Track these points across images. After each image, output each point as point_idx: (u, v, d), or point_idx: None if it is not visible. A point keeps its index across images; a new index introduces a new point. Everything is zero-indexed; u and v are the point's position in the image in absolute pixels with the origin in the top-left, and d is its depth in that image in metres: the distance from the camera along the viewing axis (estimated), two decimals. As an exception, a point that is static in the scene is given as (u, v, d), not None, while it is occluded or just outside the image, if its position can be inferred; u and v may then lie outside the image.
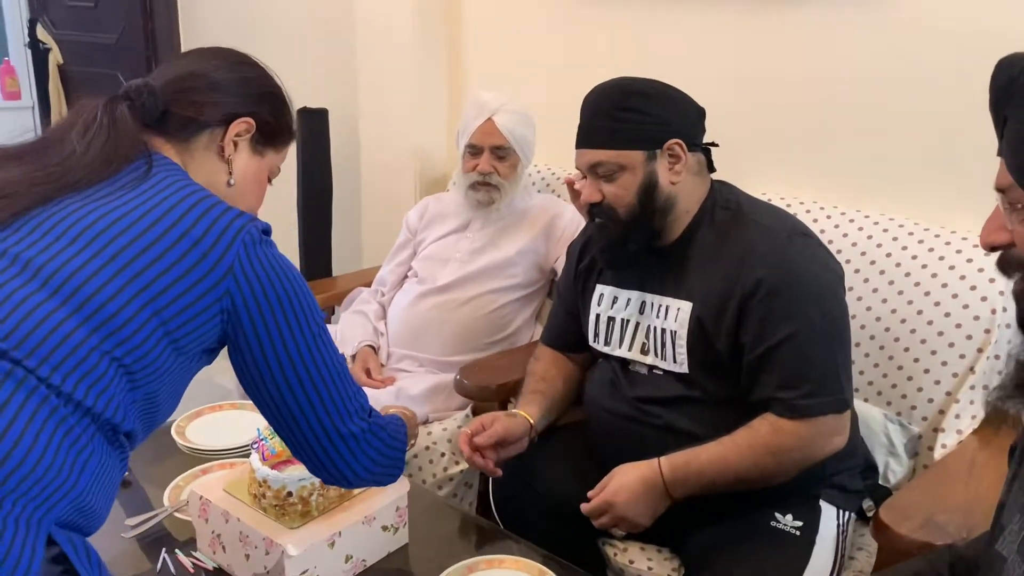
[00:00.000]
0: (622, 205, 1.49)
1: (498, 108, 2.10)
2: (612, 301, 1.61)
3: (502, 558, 1.36)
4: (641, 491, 1.41)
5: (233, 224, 1.02)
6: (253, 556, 1.27)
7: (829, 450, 1.42)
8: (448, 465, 1.93)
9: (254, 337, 1.04)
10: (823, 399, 1.39)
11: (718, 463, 1.40)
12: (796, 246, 1.44)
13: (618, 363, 1.61)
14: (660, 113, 1.47)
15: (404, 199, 2.71)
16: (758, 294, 1.40)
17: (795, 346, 1.39)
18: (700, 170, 1.53)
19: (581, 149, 1.51)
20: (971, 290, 1.65)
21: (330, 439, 1.10)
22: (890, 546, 1.32)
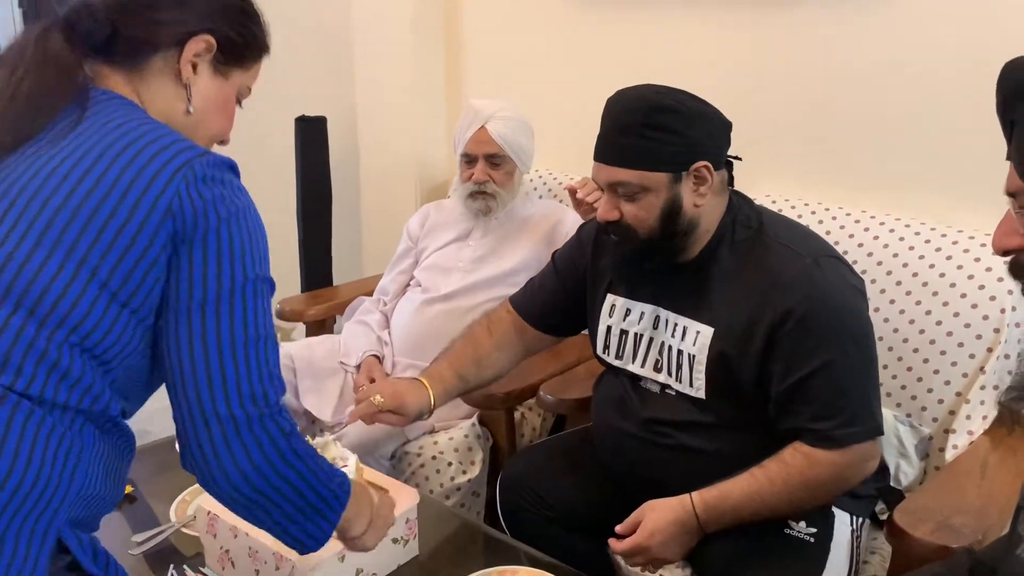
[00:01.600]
0: (642, 227, 1.42)
1: (491, 116, 2.09)
2: (624, 313, 1.55)
3: (514, 569, 1.35)
4: (676, 532, 1.38)
5: (171, 163, 0.91)
6: (263, 572, 1.26)
7: (863, 476, 1.39)
8: (455, 475, 1.92)
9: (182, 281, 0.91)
10: (858, 428, 1.35)
11: (752, 500, 1.36)
12: (823, 270, 1.37)
13: (628, 378, 1.56)
14: (690, 133, 1.37)
15: (404, 207, 2.70)
16: (787, 324, 1.35)
17: (829, 376, 1.34)
18: (722, 187, 1.46)
19: (601, 164, 1.43)
20: (980, 289, 1.64)
21: (203, 415, 0.90)
22: (905, 550, 1.31)
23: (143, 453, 1.81)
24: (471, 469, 1.93)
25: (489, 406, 1.92)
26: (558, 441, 1.82)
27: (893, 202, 1.86)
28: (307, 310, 2.42)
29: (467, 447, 1.95)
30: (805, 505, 1.38)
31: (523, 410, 2.10)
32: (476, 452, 1.95)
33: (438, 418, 2.01)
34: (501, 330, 1.71)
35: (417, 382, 1.60)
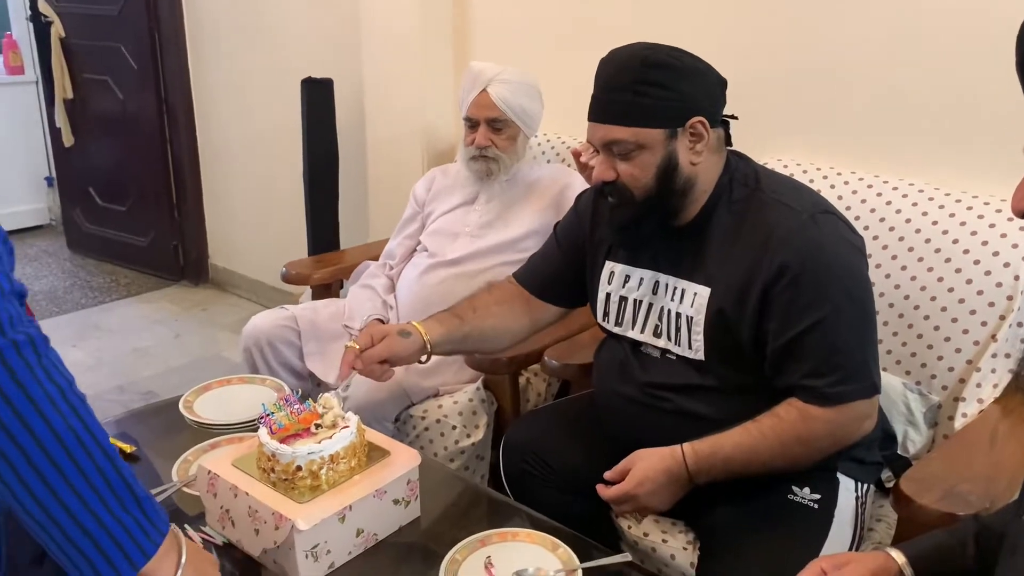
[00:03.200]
0: (638, 186, 1.40)
1: (492, 79, 2.05)
2: (624, 280, 1.54)
3: (516, 531, 1.34)
4: (664, 481, 1.37)
5: None
6: (263, 531, 1.25)
7: (859, 435, 1.37)
8: (460, 438, 1.91)
9: None
10: (853, 386, 1.34)
11: (745, 453, 1.35)
12: (819, 226, 1.35)
13: (628, 344, 1.55)
14: (684, 88, 1.35)
15: (411, 171, 2.68)
16: (783, 280, 1.33)
17: (823, 333, 1.33)
18: (719, 146, 1.44)
19: (596, 123, 1.41)
20: (994, 256, 1.61)
21: None
22: (911, 517, 1.29)
23: (147, 414, 1.82)
24: (475, 433, 1.93)
25: (494, 371, 1.91)
26: (561, 405, 1.81)
27: (907, 167, 1.82)
28: (313, 274, 2.40)
29: (471, 411, 1.94)
30: (799, 461, 1.37)
31: (528, 375, 2.09)
32: (480, 416, 1.95)
33: (443, 382, 2.01)
34: (502, 291, 1.70)
35: (407, 324, 1.58)
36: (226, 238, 3.98)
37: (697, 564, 1.46)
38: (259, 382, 1.82)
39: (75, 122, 4.14)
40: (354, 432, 1.33)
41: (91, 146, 4.14)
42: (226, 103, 3.65)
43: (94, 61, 3.97)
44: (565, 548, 1.29)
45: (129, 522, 0.81)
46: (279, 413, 1.33)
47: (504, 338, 1.67)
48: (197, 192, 3.96)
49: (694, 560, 1.48)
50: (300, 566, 1.23)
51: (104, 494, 0.78)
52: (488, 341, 1.66)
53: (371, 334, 1.53)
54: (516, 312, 1.67)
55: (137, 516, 0.82)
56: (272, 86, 3.34)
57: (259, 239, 3.75)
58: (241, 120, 3.61)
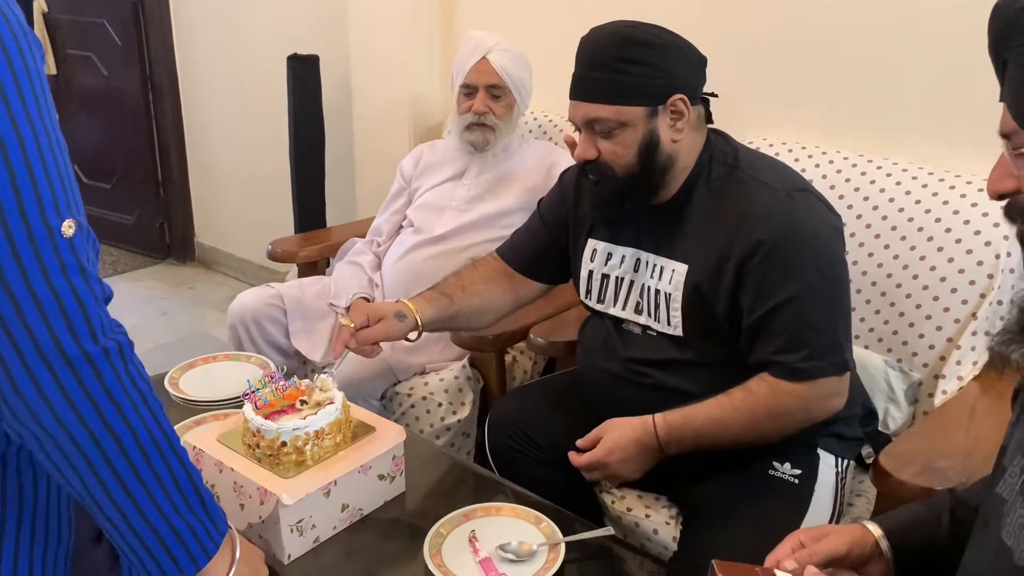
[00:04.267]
0: (620, 164, 1.40)
1: (493, 47, 2.05)
2: (606, 257, 1.55)
3: (499, 506, 1.35)
4: (635, 451, 1.39)
5: None
6: (248, 506, 1.26)
7: (829, 411, 1.39)
8: (445, 415, 1.92)
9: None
10: (823, 362, 1.35)
11: (715, 425, 1.37)
12: (795, 203, 1.36)
13: (611, 321, 1.56)
14: (664, 66, 1.36)
15: (398, 148, 2.67)
16: (757, 256, 1.35)
17: (795, 309, 1.34)
18: (700, 124, 1.44)
19: (577, 101, 1.41)
20: (975, 235, 1.62)
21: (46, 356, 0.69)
22: (890, 492, 1.31)
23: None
24: (461, 410, 1.93)
25: (480, 348, 1.92)
26: (546, 382, 1.83)
27: (890, 146, 1.83)
28: (299, 252, 2.40)
29: (457, 388, 1.95)
30: (768, 435, 1.38)
31: (514, 353, 2.10)
32: (467, 393, 1.96)
33: (429, 360, 2.02)
34: (487, 267, 1.70)
35: (396, 302, 1.59)
36: (212, 216, 3.95)
37: (679, 538, 1.48)
38: (244, 359, 1.82)
39: (59, 99, 4.06)
40: (339, 408, 1.34)
41: (75, 123, 4.10)
42: (211, 80, 3.62)
43: (78, 37, 3.92)
44: (548, 522, 1.30)
45: (195, 523, 0.83)
46: (264, 389, 1.34)
47: (489, 315, 1.68)
48: (183, 170, 3.94)
49: (676, 534, 1.50)
50: (285, 540, 1.24)
51: (174, 496, 0.80)
52: (474, 319, 1.66)
53: (367, 314, 1.52)
54: (501, 289, 1.67)
55: (202, 517, 0.84)
56: (257, 63, 3.31)
57: (245, 217, 3.74)
58: (227, 97, 3.58)
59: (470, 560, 1.24)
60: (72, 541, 0.88)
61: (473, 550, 1.26)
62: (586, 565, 1.26)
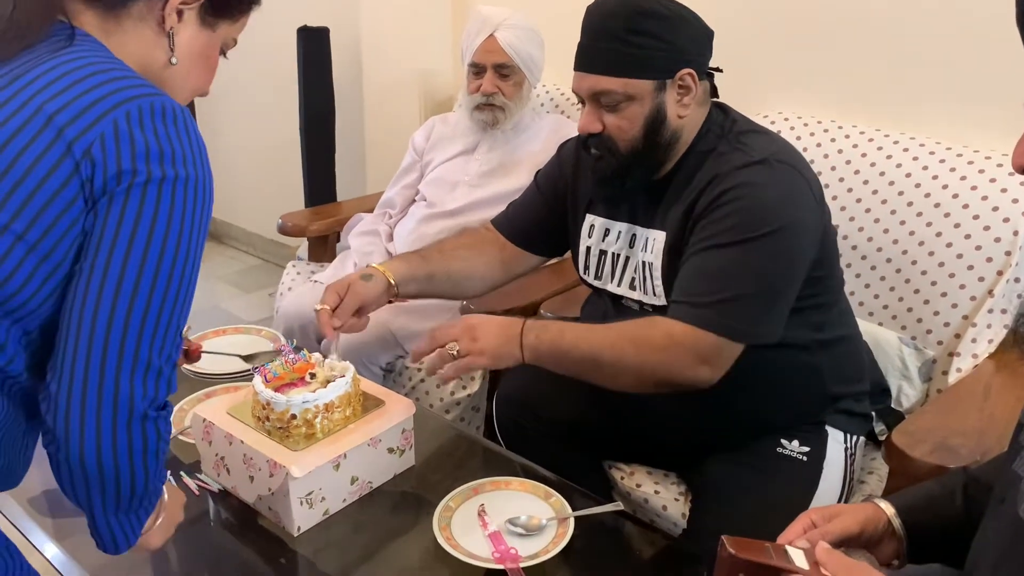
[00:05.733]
0: (624, 139, 1.37)
1: (500, 23, 2.02)
2: (604, 233, 1.52)
3: (509, 479, 1.35)
4: (498, 322, 1.33)
5: (107, 99, 0.81)
6: (257, 478, 1.26)
7: (691, 374, 1.27)
8: (455, 389, 1.92)
9: (93, 237, 0.82)
10: (714, 316, 1.26)
11: (580, 330, 1.33)
12: (769, 169, 1.30)
13: (609, 298, 1.54)
14: (674, 39, 1.32)
15: (408, 121, 2.65)
16: (711, 206, 1.30)
17: (718, 256, 1.28)
18: (705, 99, 1.41)
19: (582, 73, 1.37)
20: (993, 211, 1.60)
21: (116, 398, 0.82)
22: (902, 470, 1.30)
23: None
24: (470, 384, 1.93)
25: (490, 323, 1.91)
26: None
27: (908, 121, 1.80)
28: (309, 225, 2.40)
29: (467, 363, 1.94)
30: (624, 364, 1.29)
31: (524, 328, 2.09)
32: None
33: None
34: (474, 235, 1.67)
35: (366, 267, 1.55)
36: (222, 190, 3.88)
37: (688, 515, 1.48)
38: (254, 332, 1.82)
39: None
40: (349, 382, 1.33)
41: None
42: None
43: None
44: (558, 496, 1.30)
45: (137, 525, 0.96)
46: (274, 363, 1.34)
47: (474, 283, 1.63)
48: (193, 143, 3.93)
49: (685, 511, 1.49)
50: (295, 513, 1.24)
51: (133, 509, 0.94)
52: (457, 284, 1.61)
53: (335, 290, 1.48)
54: (486, 257, 1.63)
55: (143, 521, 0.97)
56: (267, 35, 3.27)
57: (256, 191, 3.73)
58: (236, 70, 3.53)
59: (479, 533, 1.24)
60: None
61: (482, 524, 1.26)
62: (595, 540, 1.26)
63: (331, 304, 1.46)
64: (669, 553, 1.31)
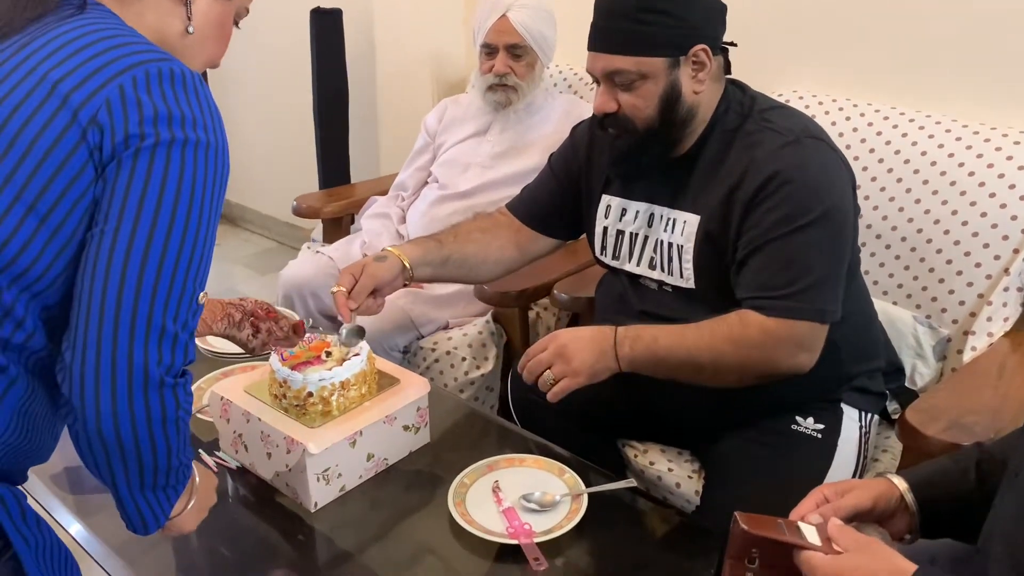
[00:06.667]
0: (640, 117, 1.37)
1: (512, 4, 2.02)
2: (620, 213, 1.52)
3: (523, 457, 1.36)
4: (588, 335, 1.33)
5: (113, 64, 0.81)
6: (275, 455, 1.28)
7: (792, 363, 1.31)
8: (469, 369, 1.93)
9: (103, 204, 0.81)
10: (801, 304, 1.29)
11: (674, 335, 1.33)
12: (805, 148, 1.32)
13: (626, 277, 1.54)
14: (686, 15, 1.32)
15: (421, 103, 2.65)
16: (759, 195, 1.31)
17: (788, 245, 1.30)
18: (719, 75, 1.41)
19: (596, 53, 1.37)
20: (1010, 188, 1.58)
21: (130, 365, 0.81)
22: (916, 447, 1.30)
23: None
24: (484, 364, 1.94)
25: (503, 304, 1.92)
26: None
27: (924, 99, 1.79)
28: (324, 207, 2.40)
29: (481, 343, 1.95)
30: (728, 369, 1.32)
31: (538, 309, 2.10)
32: (490, 348, 1.96)
33: (453, 315, 2.02)
34: (488, 219, 1.67)
35: (381, 250, 1.55)
36: (237, 172, 3.90)
37: (702, 492, 1.49)
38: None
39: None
40: (364, 360, 1.35)
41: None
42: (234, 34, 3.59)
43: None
44: (571, 473, 1.32)
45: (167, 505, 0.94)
46: (290, 341, 1.35)
47: (489, 267, 1.63)
48: (207, 126, 3.94)
49: (699, 488, 1.50)
50: (312, 488, 1.26)
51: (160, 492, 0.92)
52: (472, 268, 1.61)
53: (350, 272, 1.48)
54: (501, 240, 1.63)
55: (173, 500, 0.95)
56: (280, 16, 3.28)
57: (270, 173, 3.74)
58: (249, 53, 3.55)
59: (493, 509, 1.25)
60: None
61: (496, 500, 1.27)
62: (608, 516, 1.27)
63: (347, 286, 1.45)
64: (682, 529, 1.32)
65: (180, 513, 0.97)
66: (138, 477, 0.87)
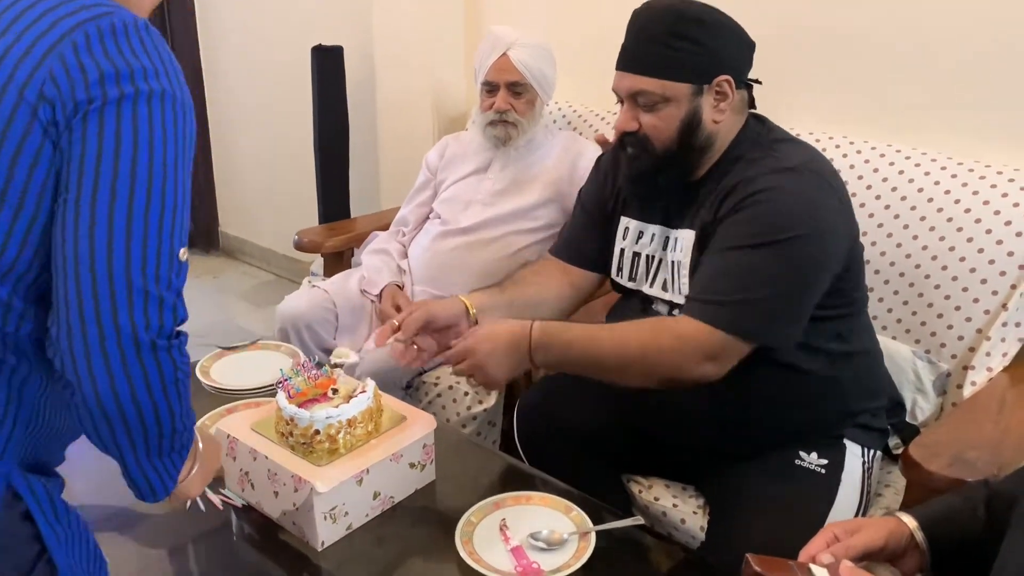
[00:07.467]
0: (660, 139, 1.41)
1: (513, 43, 2.05)
2: (637, 236, 1.55)
3: (529, 495, 1.36)
4: (503, 347, 1.34)
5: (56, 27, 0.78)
6: (282, 493, 1.28)
7: (698, 371, 1.30)
8: (471, 404, 1.93)
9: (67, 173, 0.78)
10: (725, 315, 1.29)
11: (586, 341, 1.35)
12: (799, 177, 1.33)
13: (640, 301, 1.56)
14: (714, 45, 1.36)
15: (422, 139, 2.68)
16: (737, 207, 1.33)
17: (735, 257, 1.31)
18: (742, 107, 1.44)
19: (624, 72, 1.41)
20: (1006, 225, 1.61)
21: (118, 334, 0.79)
22: (919, 483, 1.31)
23: (164, 379, 1.84)
24: (487, 399, 1.95)
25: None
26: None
27: (919, 136, 1.82)
28: (325, 242, 2.42)
29: (483, 378, 1.96)
30: (634, 371, 1.33)
31: (539, 343, 2.10)
32: (492, 383, 1.96)
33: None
34: (539, 264, 1.71)
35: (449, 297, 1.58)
36: (236, 206, 3.98)
37: (707, 528, 1.49)
38: (273, 348, 1.84)
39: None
40: (371, 397, 1.35)
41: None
42: (235, 71, 3.64)
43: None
44: (579, 511, 1.31)
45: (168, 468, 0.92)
46: (296, 378, 1.35)
47: (547, 306, 1.62)
48: (207, 159, 3.97)
49: (704, 524, 1.50)
50: (319, 527, 1.26)
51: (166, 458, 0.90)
52: (536, 308, 1.59)
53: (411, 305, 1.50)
54: (555, 281, 1.65)
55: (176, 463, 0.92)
56: (282, 54, 3.33)
57: (270, 207, 3.76)
58: (251, 88, 3.60)
59: (501, 548, 1.25)
60: None
61: (504, 538, 1.27)
62: (616, 554, 1.27)
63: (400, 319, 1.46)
64: (688, 566, 1.32)
65: (185, 478, 0.98)
66: (143, 444, 0.85)
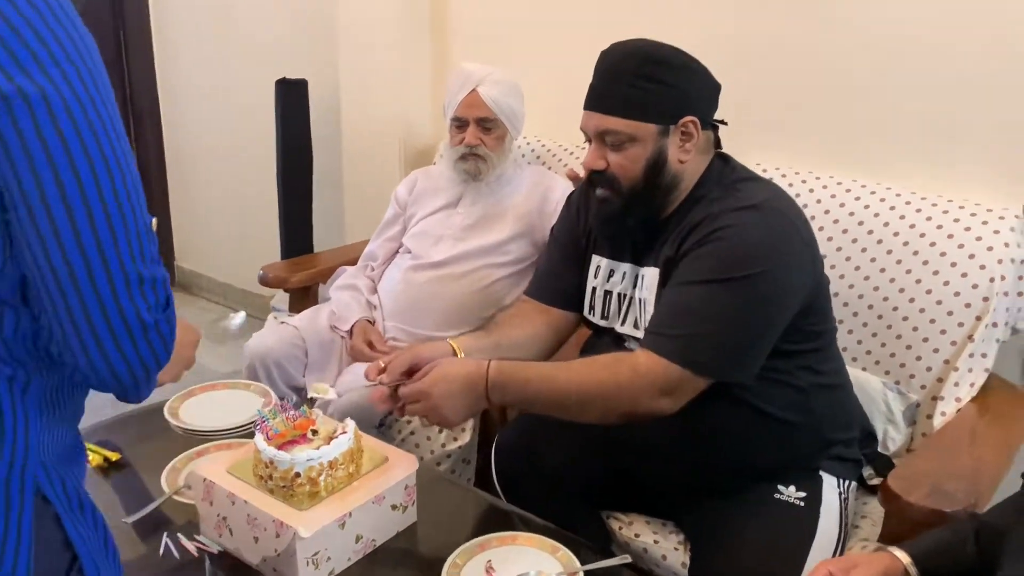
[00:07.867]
0: (626, 177, 1.43)
1: (483, 79, 2.06)
2: (608, 274, 1.57)
3: (515, 535, 1.35)
4: (459, 389, 1.34)
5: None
6: (262, 539, 1.24)
7: (653, 406, 1.32)
8: (446, 441, 1.91)
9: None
10: (679, 348, 1.31)
11: (545, 379, 1.36)
12: (761, 213, 1.35)
13: (612, 339, 1.57)
14: (680, 86, 1.39)
15: (388, 173, 2.67)
16: (699, 243, 1.36)
17: (693, 292, 1.33)
18: (707, 148, 1.47)
19: (591, 112, 1.43)
20: (970, 259, 1.65)
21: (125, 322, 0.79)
22: (898, 514, 1.32)
23: (128, 421, 1.79)
24: (461, 436, 1.93)
25: (479, 373, 1.91)
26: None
27: (885, 172, 1.86)
28: (291, 277, 2.38)
29: (457, 414, 1.94)
30: (592, 407, 1.35)
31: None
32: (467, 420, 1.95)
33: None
34: (519, 306, 1.71)
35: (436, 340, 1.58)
36: (193, 240, 3.91)
37: (690, 564, 1.48)
38: (243, 387, 1.80)
39: (35, 122, 4.04)
40: (351, 438, 1.33)
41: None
42: (195, 103, 3.59)
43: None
44: (565, 551, 1.30)
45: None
46: (275, 419, 1.32)
47: (531, 346, 1.62)
48: (163, 193, 3.90)
49: (686, 560, 1.50)
50: (301, 573, 1.22)
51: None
52: (522, 348, 1.60)
53: (399, 350, 1.48)
54: (535, 324, 1.64)
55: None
56: (244, 86, 3.29)
57: (228, 241, 3.70)
58: (211, 121, 3.55)
59: (488, 590, 1.23)
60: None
61: (491, 580, 1.25)
62: (603, 593, 1.26)
63: (386, 361, 1.44)
64: (676, 604, 1.31)
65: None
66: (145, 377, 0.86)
